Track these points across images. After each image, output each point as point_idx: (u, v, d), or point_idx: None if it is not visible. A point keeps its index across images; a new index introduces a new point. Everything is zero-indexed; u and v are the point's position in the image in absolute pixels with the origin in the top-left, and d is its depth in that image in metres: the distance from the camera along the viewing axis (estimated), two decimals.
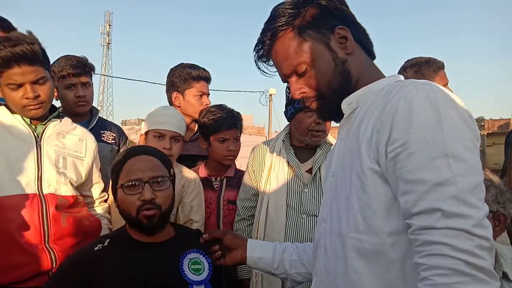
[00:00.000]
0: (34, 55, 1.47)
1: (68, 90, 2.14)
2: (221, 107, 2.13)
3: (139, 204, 1.33)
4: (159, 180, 1.37)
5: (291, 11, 0.98)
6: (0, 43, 1.43)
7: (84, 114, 2.23)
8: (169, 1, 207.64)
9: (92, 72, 2.27)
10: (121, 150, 2.36)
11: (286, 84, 1.09)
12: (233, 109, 2.14)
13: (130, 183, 1.34)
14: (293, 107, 1.89)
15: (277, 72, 1.07)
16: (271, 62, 1.06)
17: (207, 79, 2.37)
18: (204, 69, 2.37)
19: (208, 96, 2.37)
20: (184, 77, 2.33)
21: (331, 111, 1.04)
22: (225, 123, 2.04)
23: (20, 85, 1.48)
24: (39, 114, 1.57)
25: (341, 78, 0.98)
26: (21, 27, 1.93)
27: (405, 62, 2.23)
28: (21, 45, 1.44)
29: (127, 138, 2.52)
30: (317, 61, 0.97)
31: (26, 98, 1.49)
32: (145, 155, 1.41)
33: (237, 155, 2.13)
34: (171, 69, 2.41)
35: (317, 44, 0.97)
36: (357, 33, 1.01)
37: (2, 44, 1.43)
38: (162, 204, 1.36)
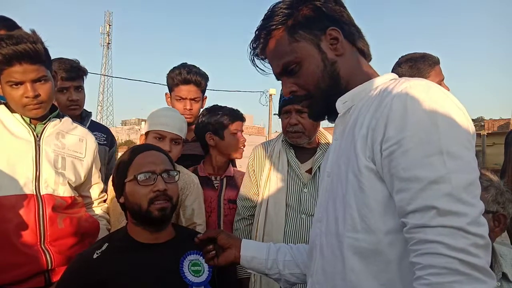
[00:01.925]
0: (36, 53, 1.47)
1: (61, 93, 2.14)
2: (218, 106, 2.19)
3: (152, 195, 1.34)
4: (170, 173, 1.41)
5: (285, 11, 1.00)
6: (2, 41, 1.43)
7: (76, 117, 2.20)
8: (170, 1, 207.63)
9: (84, 76, 2.28)
10: (111, 151, 2.42)
11: None
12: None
13: (143, 175, 1.36)
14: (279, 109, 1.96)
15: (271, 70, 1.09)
16: (266, 59, 1.08)
17: (188, 82, 2.33)
18: (189, 72, 2.33)
19: (194, 100, 2.34)
20: (168, 81, 2.39)
21: (320, 110, 1.06)
22: (238, 115, 2.14)
23: (20, 83, 1.48)
24: (39, 114, 1.56)
25: (330, 79, 0.99)
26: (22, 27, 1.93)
27: (400, 58, 2.19)
28: (24, 43, 1.44)
29: (115, 140, 2.57)
30: (306, 61, 0.99)
31: (26, 97, 1.49)
32: (154, 151, 1.46)
33: None
34: None
35: (307, 45, 0.99)
36: (351, 34, 1.01)
37: (5, 41, 1.43)
38: (173, 197, 1.39)
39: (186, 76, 2.32)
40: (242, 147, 2.16)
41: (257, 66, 1.09)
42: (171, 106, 2.39)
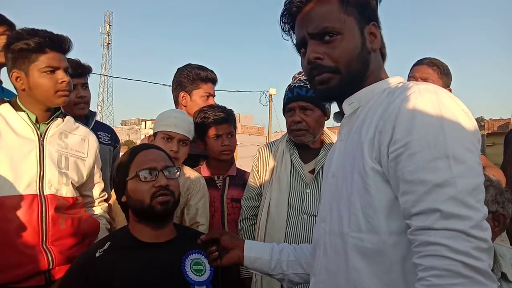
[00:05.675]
0: (70, 44, 1.57)
1: None
2: (212, 106, 2.18)
3: (154, 190, 1.36)
4: (171, 169, 1.43)
5: None
6: (34, 31, 1.50)
7: (81, 117, 2.21)
8: (170, 2, 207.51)
9: (88, 75, 2.30)
10: (115, 151, 2.44)
11: (287, 84, 1.10)
12: (224, 107, 2.17)
13: (145, 171, 1.38)
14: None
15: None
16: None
17: (214, 80, 2.39)
18: (211, 71, 2.39)
19: (213, 97, 2.38)
20: (193, 77, 2.34)
21: (335, 90, 0.99)
22: (216, 119, 2.08)
23: (56, 69, 1.52)
24: (66, 102, 1.60)
25: (361, 64, 0.98)
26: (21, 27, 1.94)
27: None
28: (56, 34, 1.52)
29: (119, 139, 2.59)
30: (348, 36, 0.96)
31: (62, 81, 1.53)
32: (154, 149, 1.49)
33: (233, 150, 2.14)
34: (178, 69, 2.42)
35: (355, 24, 0.97)
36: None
37: (38, 32, 1.50)
38: (175, 192, 1.42)
39: (212, 74, 2.36)
40: (225, 152, 2.07)
41: (285, 22, 1.05)
42: (192, 105, 2.32)
